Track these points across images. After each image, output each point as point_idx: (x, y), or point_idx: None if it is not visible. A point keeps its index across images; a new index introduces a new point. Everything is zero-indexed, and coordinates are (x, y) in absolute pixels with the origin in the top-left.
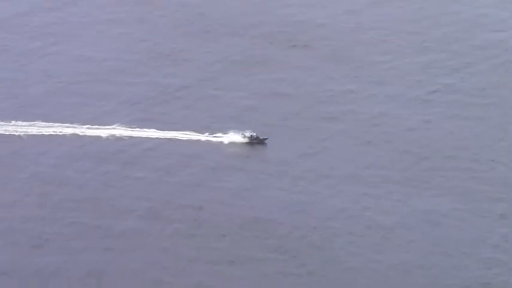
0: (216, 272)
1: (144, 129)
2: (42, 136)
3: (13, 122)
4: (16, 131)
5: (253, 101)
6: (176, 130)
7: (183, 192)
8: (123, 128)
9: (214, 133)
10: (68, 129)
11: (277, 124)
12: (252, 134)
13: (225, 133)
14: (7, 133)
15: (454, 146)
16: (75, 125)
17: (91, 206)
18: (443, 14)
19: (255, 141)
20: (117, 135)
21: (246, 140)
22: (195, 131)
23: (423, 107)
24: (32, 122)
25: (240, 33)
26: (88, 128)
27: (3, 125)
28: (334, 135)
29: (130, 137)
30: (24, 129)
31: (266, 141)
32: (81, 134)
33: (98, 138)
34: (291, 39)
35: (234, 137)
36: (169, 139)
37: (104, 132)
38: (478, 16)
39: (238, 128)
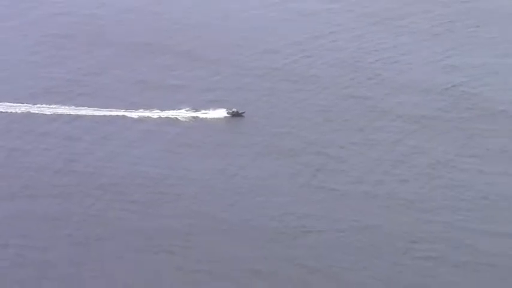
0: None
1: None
2: None
3: None
4: None
5: (137, 88)
6: (91, 107)
7: (84, 156)
8: (46, 106)
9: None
10: (22, 108)
11: (151, 104)
12: (233, 110)
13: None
14: None
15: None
16: (28, 104)
17: (19, 166)
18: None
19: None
20: (59, 113)
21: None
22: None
23: (269, 94)
24: None
25: (115, 42)
26: (38, 107)
27: None
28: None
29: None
30: None
31: (243, 114)
32: (33, 112)
33: (37, 115)
34: (155, 45)
35: (145, 113)
36: (83, 115)
37: (47, 110)
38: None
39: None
